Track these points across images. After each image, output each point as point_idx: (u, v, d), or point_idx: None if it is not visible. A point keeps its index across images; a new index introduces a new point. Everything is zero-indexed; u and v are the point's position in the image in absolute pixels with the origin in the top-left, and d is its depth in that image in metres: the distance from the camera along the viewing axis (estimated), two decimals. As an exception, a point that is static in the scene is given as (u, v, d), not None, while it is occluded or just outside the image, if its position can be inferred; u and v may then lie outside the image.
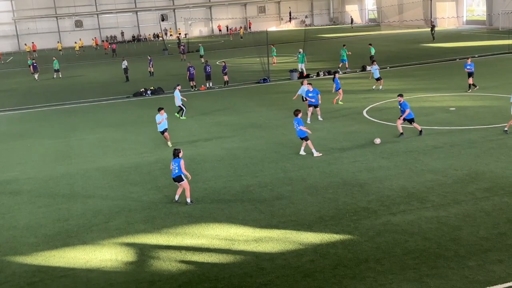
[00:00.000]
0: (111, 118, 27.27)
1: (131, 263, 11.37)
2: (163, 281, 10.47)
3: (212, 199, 14.85)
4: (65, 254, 11.98)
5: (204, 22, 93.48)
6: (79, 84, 41.72)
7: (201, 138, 21.77)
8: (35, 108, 31.85)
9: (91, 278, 10.79)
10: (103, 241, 12.54)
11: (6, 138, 24.34)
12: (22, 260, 11.82)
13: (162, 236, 12.62)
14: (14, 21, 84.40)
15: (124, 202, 15.10)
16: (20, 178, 18.03)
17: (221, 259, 11.22)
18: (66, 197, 15.90)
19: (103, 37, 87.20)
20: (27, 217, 14.39)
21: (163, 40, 73.36)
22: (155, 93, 34.21)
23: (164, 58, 57.40)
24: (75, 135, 23.99)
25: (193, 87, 34.54)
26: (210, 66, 35.17)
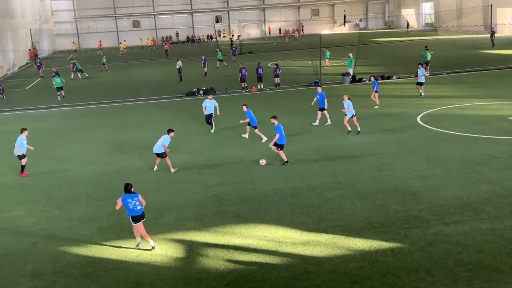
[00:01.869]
0: (164, 117, 27.84)
1: (180, 259, 11.58)
2: (211, 278, 10.62)
3: (260, 200, 14.91)
4: (117, 247, 12.34)
5: (257, 24, 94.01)
6: (134, 82, 42.81)
7: (250, 139, 21.88)
8: (92, 105, 32.97)
9: (142, 272, 11.08)
10: (154, 236, 12.81)
11: (64, 133, 25.29)
12: (76, 251, 12.27)
13: (210, 234, 12.79)
14: (75, 20, 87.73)
15: (174, 199, 15.41)
16: (76, 172, 18.69)
17: (268, 260, 11.25)
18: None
19: (159, 38, 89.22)
20: (82, 210, 14.93)
21: (216, 42, 74.28)
22: (207, 93, 34.66)
23: (216, 59, 58.10)
24: (129, 132, 24.65)
25: (245, 88, 34.81)
26: (262, 68, 35.33)
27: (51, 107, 32.87)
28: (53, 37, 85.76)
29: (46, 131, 25.80)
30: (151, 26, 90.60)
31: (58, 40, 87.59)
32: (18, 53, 58.79)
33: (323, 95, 23.56)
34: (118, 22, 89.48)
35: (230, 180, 16.79)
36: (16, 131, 23.68)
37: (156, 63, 57.65)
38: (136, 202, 12.05)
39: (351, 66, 37.14)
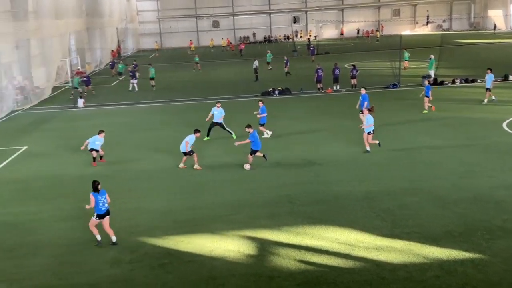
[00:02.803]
0: (239, 115, 28.22)
1: (252, 257, 11.72)
2: (282, 277, 10.66)
3: (333, 202, 14.77)
4: (192, 241, 12.69)
5: (335, 25, 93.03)
6: (213, 81, 43.72)
7: (325, 140, 21.72)
8: (170, 102, 34.04)
9: (215, 266, 11.33)
10: (228, 232, 13.08)
11: (145, 128, 26.29)
12: (154, 242, 12.75)
13: (282, 233, 12.84)
14: (159, 20, 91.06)
15: (248, 197, 15.61)
16: (154, 166, 19.38)
17: (340, 263, 11.13)
18: (196, 186, 16.83)
19: (237, 38, 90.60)
20: (160, 203, 15.48)
21: (293, 42, 74.32)
22: (283, 93, 34.80)
23: (293, 59, 58.09)
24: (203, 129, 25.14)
25: (320, 89, 34.57)
26: (339, 69, 34.92)
27: (133, 103, 34.30)
28: (137, 36, 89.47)
29: (128, 126, 26.95)
30: (230, 26, 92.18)
31: (142, 39, 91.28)
32: (105, 51, 61.86)
33: (365, 97, 23.22)
34: (198, 22, 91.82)
35: (303, 181, 16.76)
36: (101, 125, 24.95)
37: (232, 63, 58.57)
38: (104, 200, 12.65)
39: (431, 68, 35.86)
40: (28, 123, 29.27)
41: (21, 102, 34.95)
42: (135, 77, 39.66)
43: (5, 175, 19.26)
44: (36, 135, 25.97)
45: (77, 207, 15.42)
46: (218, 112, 23.02)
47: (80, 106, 33.52)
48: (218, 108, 23.08)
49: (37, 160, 21.22)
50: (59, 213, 15.06)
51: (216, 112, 23.02)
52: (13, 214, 15.21)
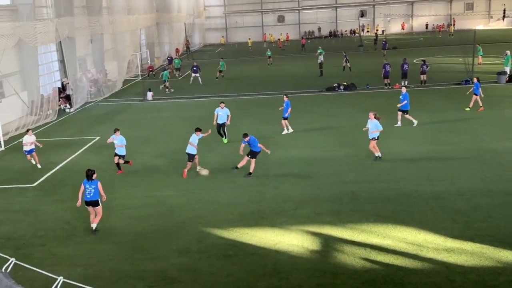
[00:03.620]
0: (303, 111, 28.11)
1: (316, 252, 11.69)
2: (347, 275, 10.57)
3: (401, 201, 14.43)
4: (256, 234, 12.82)
5: (404, 19, 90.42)
6: (276, 76, 43.74)
7: (392, 135, 21.24)
8: (234, 97, 34.40)
9: (279, 260, 11.39)
10: (291, 227, 13.11)
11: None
12: (220, 234, 12.99)
13: (347, 230, 12.71)
14: (225, 15, 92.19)
15: (312, 192, 15.55)
16: (220, 159, 19.66)
17: (407, 264, 10.88)
18: (260, 180, 16.96)
19: (302, 32, 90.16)
20: (226, 195, 15.73)
21: (359, 37, 73.01)
22: (348, 88, 34.32)
23: (359, 54, 57.14)
24: (269, 124, 25.24)
25: (387, 85, 33.80)
26: (408, 64, 33.95)
27: (200, 97, 34.93)
28: (204, 31, 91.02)
29: (194, 119, 27.49)
30: (295, 21, 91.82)
31: (208, 34, 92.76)
32: (173, 45, 63.38)
33: (406, 96, 22.61)
34: (264, 17, 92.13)
35: (369, 178, 16.49)
36: (168, 118, 25.68)
37: (298, 58, 58.30)
38: (92, 189, 13.10)
39: (507, 65, 34.13)
40: (101, 114, 30.55)
41: (94, 94, 36.54)
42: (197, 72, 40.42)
43: (79, 163, 20.22)
44: (107, 126, 27.01)
45: (147, 196, 15.98)
46: (223, 112, 22.10)
47: (149, 99, 34.58)
48: (223, 109, 22.13)
49: (109, 150, 22.08)
50: (131, 201, 15.65)
51: (220, 112, 22.12)
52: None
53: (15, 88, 28.62)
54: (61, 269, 11.34)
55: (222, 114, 22.16)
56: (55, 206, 15.63)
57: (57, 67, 35.98)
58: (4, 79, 27.67)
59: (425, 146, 19.75)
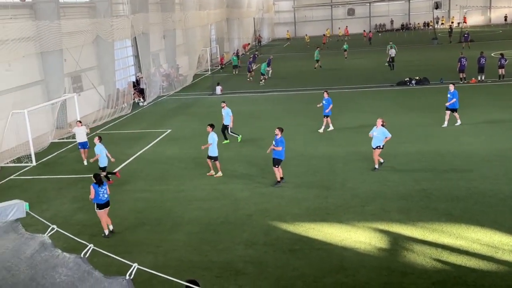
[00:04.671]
0: (372, 105, 27.54)
1: (384, 250, 11.44)
2: (416, 274, 10.27)
3: (475, 200, 13.82)
4: (323, 229, 12.73)
5: (481, 11, 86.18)
6: (345, 70, 43.12)
7: (466, 131, 20.38)
8: (302, 91, 34.27)
9: (345, 257, 11.25)
10: (358, 223, 12.91)
11: (277, 117, 26.80)
12: (286, 228, 13.01)
13: (417, 229, 12.34)
14: (294, 9, 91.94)
15: (380, 189, 15.23)
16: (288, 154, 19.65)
17: (481, 266, 10.42)
18: (326, 175, 16.82)
19: (372, 26, 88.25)
20: (292, 190, 15.72)
21: (433, 29, 70.44)
22: (420, 83, 33.24)
23: (433, 47, 55.19)
24: (338, 118, 24.92)
25: (462, 79, 32.40)
26: (485, 58, 32.38)
27: (268, 91, 35.09)
28: (272, 26, 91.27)
29: (260, 113, 27.70)
30: (365, 14, 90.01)
31: (276, 28, 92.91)
32: (242, 40, 64.05)
33: (455, 94, 21.20)
34: (334, 11, 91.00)
35: (441, 176, 15.92)
36: (237, 112, 25.91)
37: (366, 51, 57.13)
38: (104, 191, 13.13)
39: None
40: (172, 108, 31.44)
41: (166, 88, 37.66)
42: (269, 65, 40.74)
43: (151, 155, 20.93)
44: (178, 119, 27.80)
45: (214, 189, 16.29)
46: (225, 112, 21.46)
47: (218, 93, 35.16)
48: (224, 109, 21.51)
49: (179, 142, 22.74)
50: (199, 193, 16.01)
51: (223, 113, 21.51)
52: (158, 191, 16.50)
53: (93, 82, 30.04)
54: (132, 256, 11.80)
55: (225, 114, 21.55)
56: (128, 195, 16.27)
57: (132, 62, 37.38)
58: (83, 74, 29.11)
59: (502, 143, 18.78)
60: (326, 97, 22.27)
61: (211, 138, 17.18)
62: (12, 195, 16.57)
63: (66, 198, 16.46)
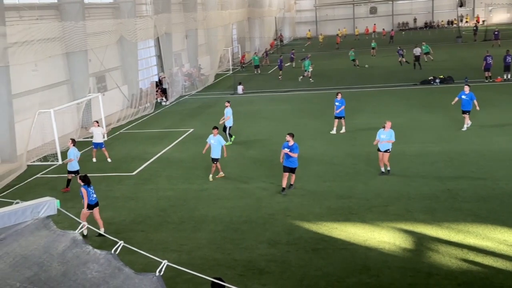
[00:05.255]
0: (395, 104, 27.29)
1: (409, 251, 11.35)
2: (442, 275, 10.16)
3: (502, 200, 13.62)
4: (345, 229, 12.69)
5: (507, 8, 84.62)
6: (370, 69, 42.80)
7: (493, 131, 20.06)
8: (323, 90, 34.11)
9: (369, 256, 11.19)
10: (382, 223, 12.83)
11: (299, 115, 26.77)
12: (308, 227, 13.00)
13: (442, 230, 12.21)
14: (315, 8, 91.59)
15: (403, 189, 15.10)
16: (309, 152, 19.63)
17: (508, 267, 10.27)
18: (349, 175, 16.75)
19: (395, 24, 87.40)
20: (314, 189, 15.69)
21: (458, 27, 69.43)
22: (444, 82, 32.82)
23: (457, 46, 54.41)
24: (359, 118, 24.80)
25: (488, 78, 31.89)
26: (511, 56, 31.81)
27: (290, 91, 35.07)
28: (294, 25, 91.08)
29: (282, 112, 27.70)
30: (388, 12, 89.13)
31: (298, 27, 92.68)
32: (263, 39, 64.09)
33: (471, 95, 20.46)
34: (356, 9, 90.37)
35: (466, 176, 15.72)
36: (258, 111, 25.91)
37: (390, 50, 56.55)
38: (93, 192, 13.17)
39: None
40: (194, 107, 31.64)
41: (188, 88, 37.91)
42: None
43: (174, 154, 21.11)
44: (201, 118, 27.95)
45: (237, 188, 16.35)
46: (226, 112, 21.43)
47: (240, 93, 35.26)
48: (227, 108, 21.56)
49: (202, 141, 22.77)
50: (222, 192, 16.09)
51: (226, 112, 21.52)
52: (181, 190, 16.63)
53: (117, 82, 30.41)
54: (157, 254, 11.89)
55: (226, 114, 21.58)
56: (151, 194, 16.45)
57: (155, 62, 37.72)
58: (107, 74, 29.49)
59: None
60: (339, 98, 21.94)
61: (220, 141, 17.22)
62: (38, 193, 16.89)
63: (91, 196, 16.68)
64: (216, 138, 17.27)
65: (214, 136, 17.29)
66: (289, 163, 15.24)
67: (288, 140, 15.12)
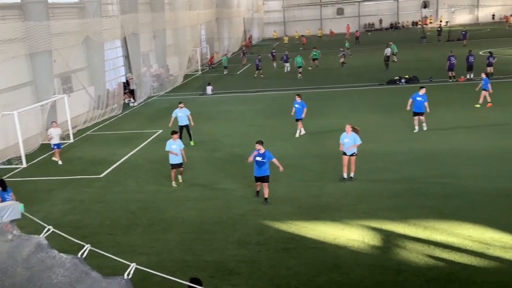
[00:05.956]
0: (362, 105, 27.64)
1: (377, 248, 11.50)
2: (410, 272, 10.33)
3: (465, 198, 13.95)
4: (316, 228, 12.77)
5: (469, 9, 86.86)
6: (336, 69, 43.23)
7: (456, 129, 20.52)
8: (291, 90, 34.29)
9: (339, 255, 11.29)
10: (351, 222, 12.96)
11: (267, 116, 26.83)
12: (278, 227, 13.03)
13: (409, 227, 12.42)
14: (283, 9, 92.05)
15: (372, 188, 15.30)
16: (280, 155, 19.67)
17: (473, 262, 10.51)
18: (319, 175, 16.87)
19: (361, 25, 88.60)
20: (284, 189, 15.74)
21: (422, 28, 70.88)
22: (410, 81, 33.43)
23: (422, 46, 55.51)
24: (327, 118, 25.00)
25: (451, 78, 32.65)
26: (474, 56, 32.65)
27: (258, 91, 35.12)
28: (262, 26, 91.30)
29: (251, 112, 27.71)
30: (355, 13, 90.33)
31: (266, 28, 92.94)
32: (232, 40, 63.99)
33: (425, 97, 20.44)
34: (323, 10, 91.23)
35: (432, 174, 16.04)
36: (227, 111, 25.76)
37: (357, 51, 57.32)
38: (9, 197, 12.77)
39: None
40: (163, 108, 31.33)
41: (157, 89, 37.54)
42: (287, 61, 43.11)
43: (143, 156, 20.86)
44: (169, 119, 27.63)
45: (206, 189, 16.27)
46: (183, 113, 21.10)
47: (209, 93, 35.13)
48: (182, 109, 21.22)
49: (171, 143, 22.64)
50: (191, 194, 15.99)
51: (180, 114, 21.12)
52: (150, 192, 16.44)
53: (83, 83, 29.86)
54: (126, 257, 11.72)
55: (182, 115, 21.15)
56: (120, 196, 16.21)
57: (122, 62, 37.21)
58: (72, 74, 28.92)
59: (493, 140, 18.96)
60: (299, 100, 21.61)
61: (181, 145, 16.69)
62: (2, 197, 16.40)
63: (57, 199, 16.37)
64: (177, 142, 16.62)
65: (174, 141, 16.57)
66: (260, 172, 14.45)
67: (259, 149, 14.23)
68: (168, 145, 16.60)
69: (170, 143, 16.56)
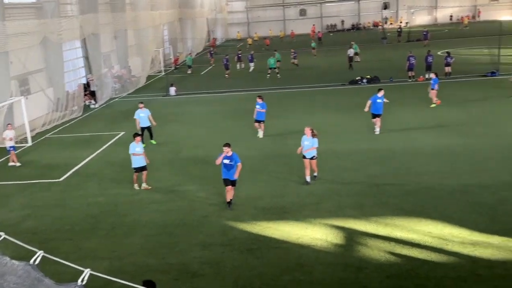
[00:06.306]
0: (324, 105, 27.94)
1: (340, 246, 11.63)
2: (371, 269, 10.49)
3: (425, 194, 14.27)
4: (279, 228, 12.82)
5: (428, 11, 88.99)
6: (303, 69, 43.56)
7: (415, 129, 20.99)
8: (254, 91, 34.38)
9: (302, 254, 11.37)
10: (314, 220, 13.07)
11: (231, 116, 26.81)
12: (242, 227, 13.02)
13: (371, 224, 12.61)
14: (247, 9, 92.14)
15: (334, 186, 15.48)
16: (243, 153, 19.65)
17: (432, 258, 10.75)
18: (282, 175, 16.94)
19: (324, 26, 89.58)
20: (248, 190, 15.72)
21: (382, 29, 72.20)
22: (371, 82, 33.99)
23: (382, 47, 56.52)
24: (290, 118, 25.18)
25: (411, 78, 33.37)
26: (433, 56, 33.46)
27: (223, 92, 35.04)
28: (226, 26, 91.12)
29: (216, 113, 27.62)
30: (317, 14, 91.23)
31: (230, 28, 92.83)
32: (196, 40, 63.62)
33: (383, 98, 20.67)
34: (286, 11, 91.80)
35: (392, 172, 16.34)
36: (190, 112, 25.61)
37: (320, 51, 57.91)
38: None
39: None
40: (125, 110, 30.85)
41: (119, 90, 36.96)
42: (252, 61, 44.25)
43: (104, 158, 20.50)
44: (132, 121, 27.19)
45: (169, 191, 16.11)
46: (144, 113, 20.98)
47: (172, 94, 34.82)
48: (143, 109, 21.10)
49: (133, 145, 22.32)
50: (154, 196, 15.80)
51: (142, 114, 20.97)
52: (112, 195, 16.17)
53: (41, 84, 29.11)
54: (87, 262, 11.50)
55: (144, 115, 21.05)
56: (80, 200, 15.88)
57: (82, 63, 36.46)
58: (30, 76, 28.17)
59: (450, 138, 19.47)
60: (260, 102, 21.47)
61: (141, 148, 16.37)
62: (-44, 203, 15.86)
63: (14, 205, 15.91)
64: (139, 145, 16.27)
65: (137, 144, 16.20)
66: (229, 175, 14.10)
67: (227, 152, 13.89)
68: (131, 148, 16.31)
69: (133, 146, 16.26)
